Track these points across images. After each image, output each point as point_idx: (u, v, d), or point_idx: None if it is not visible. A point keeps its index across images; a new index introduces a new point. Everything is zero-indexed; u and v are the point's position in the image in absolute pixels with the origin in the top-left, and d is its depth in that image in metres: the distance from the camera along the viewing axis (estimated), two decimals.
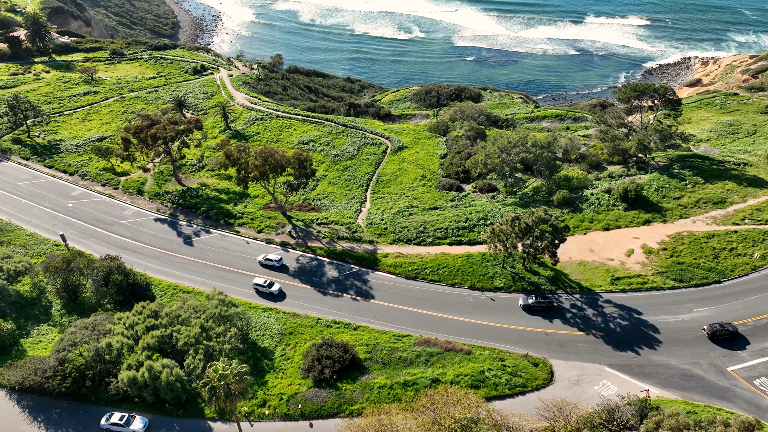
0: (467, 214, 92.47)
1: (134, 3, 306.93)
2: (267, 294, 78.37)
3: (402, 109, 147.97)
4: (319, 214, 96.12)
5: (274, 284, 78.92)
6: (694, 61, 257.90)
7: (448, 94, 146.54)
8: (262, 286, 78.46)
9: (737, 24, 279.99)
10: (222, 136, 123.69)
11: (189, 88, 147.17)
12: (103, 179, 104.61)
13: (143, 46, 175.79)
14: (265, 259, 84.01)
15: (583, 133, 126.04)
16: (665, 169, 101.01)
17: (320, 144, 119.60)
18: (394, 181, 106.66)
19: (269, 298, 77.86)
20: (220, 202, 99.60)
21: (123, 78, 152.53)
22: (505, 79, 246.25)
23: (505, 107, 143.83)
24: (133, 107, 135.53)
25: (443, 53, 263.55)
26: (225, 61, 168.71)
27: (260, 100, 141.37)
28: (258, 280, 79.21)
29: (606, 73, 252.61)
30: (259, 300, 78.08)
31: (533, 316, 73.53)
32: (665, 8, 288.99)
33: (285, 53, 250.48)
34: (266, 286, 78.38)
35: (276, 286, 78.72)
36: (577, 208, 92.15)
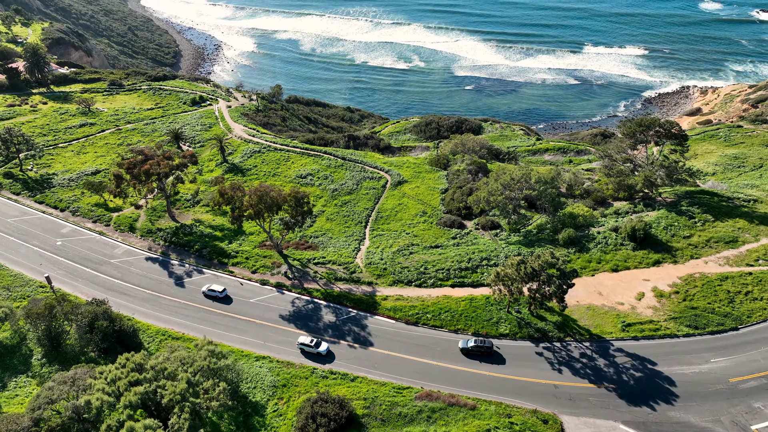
0: (470, 253, 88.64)
1: (137, 33, 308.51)
2: (314, 355, 71.60)
3: (402, 141, 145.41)
4: (316, 253, 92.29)
5: (321, 344, 72.27)
6: (693, 90, 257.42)
7: (448, 126, 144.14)
8: (309, 346, 71.66)
9: (734, 54, 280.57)
10: (219, 169, 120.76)
11: (187, 119, 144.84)
12: (95, 215, 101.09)
13: (142, 76, 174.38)
14: (209, 290, 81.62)
15: (586, 167, 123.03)
16: (673, 206, 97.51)
17: (318, 178, 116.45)
18: (394, 217, 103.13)
19: (316, 360, 70.99)
20: (215, 239, 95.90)
21: (120, 109, 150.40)
22: (505, 108, 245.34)
23: (506, 139, 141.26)
24: (129, 139, 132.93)
25: (443, 82, 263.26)
26: (224, 92, 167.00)
27: (258, 132, 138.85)
28: (304, 339, 72.46)
29: (605, 102, 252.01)
30: (251, 348, 73.72)
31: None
32: (662, 39, 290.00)
33: (285, 83, 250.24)
34: (313, 346, 71.60)
35: (324, 346, 71.96)
36: (584, 247, 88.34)
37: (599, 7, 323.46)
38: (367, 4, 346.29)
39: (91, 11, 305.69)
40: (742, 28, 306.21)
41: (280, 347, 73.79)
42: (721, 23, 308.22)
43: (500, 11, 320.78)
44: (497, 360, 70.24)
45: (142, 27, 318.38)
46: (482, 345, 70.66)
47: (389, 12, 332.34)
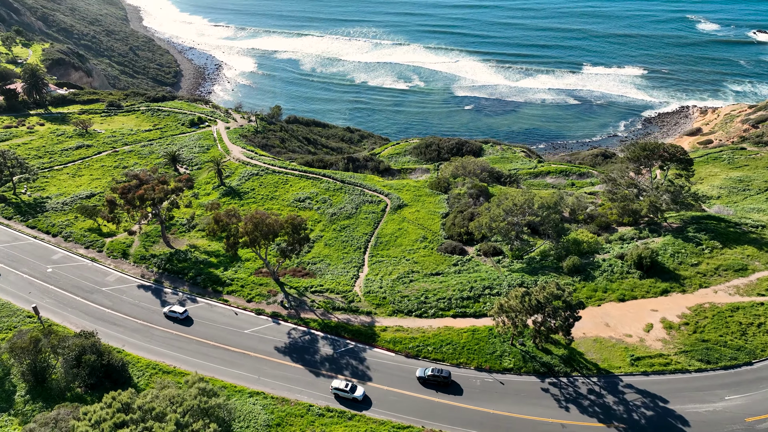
0: (472, 281, 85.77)
1: (138, 53, 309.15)
2: (350, 401, 67.01)
3: (402, 163, 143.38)
4: (314, 281, 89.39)
5: (357, 388, 67.86)
6: (692, 110, 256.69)
7: (448, 147, 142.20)
8: (344, 391, 67.17)
9: (733, 74, 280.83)
10: (216, 193, 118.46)
11: (184, 141, 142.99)
12: (87, 241, 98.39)
13: (141, 97, 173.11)
14: (170, 311, 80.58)
15: (589, 190, 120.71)
16: (679, 232, 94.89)
17: (317, 202, 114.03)
18: (393, 243, 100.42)
19: (352, 406, 66.25)
20: (209, 266, 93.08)
21: (118, 131, 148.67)
22: (505, 128, 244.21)
23: (507, 162, 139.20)
24: (125, 162, 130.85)
25: (443, 102, 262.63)
26: (223, 113, 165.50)
27: (257, 154, 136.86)
28: (338, 383, 67.91)
29: (605, 121, 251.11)
30: (245, 382, 70.48)
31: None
32: (661, 59, 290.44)
33: (285, 103, 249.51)
34: (348, 391, 67.13)
35: (360, 391, 67.42)
36: (589, 275, 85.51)
37: (597, 28, 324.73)
38: (368, 24, 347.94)
39: (93, 32, 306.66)
40: (740, 48, 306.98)
41: (275, 382, 70.56)
42: (719, 44, 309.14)
43: (499, 32, 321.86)
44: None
45: (144, 47, 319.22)
46: (439, 374, 68.63)
47: (389, 32, 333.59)
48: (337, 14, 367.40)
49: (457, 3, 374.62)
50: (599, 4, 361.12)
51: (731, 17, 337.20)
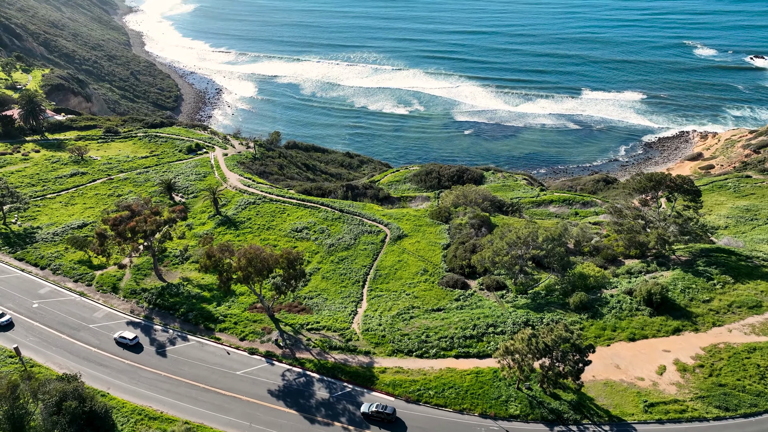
0: (474, 319, 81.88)
1: (138, 77, 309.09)
2: None
3: (402, 191, 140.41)
4: (310, 318, 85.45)
5: None
6: (692, 134, 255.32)
7: (449, 175, 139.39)
8: None
9: (732, 99, 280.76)
10: (211, 222, 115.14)
11: (181, 168, 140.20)
12: (77, 274, 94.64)
13: (139, 123, 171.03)
14: (120, 337, 78.45)
15: (593, 220, 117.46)
16: (689, 265, 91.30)
17: (314, 232, 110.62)
18: (393, 276, 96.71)
19: None
20: (202, 301, 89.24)
21: (114, 157, 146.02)
22: (505, 152, 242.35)
23: (509, 189, 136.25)
24: (120, 190, 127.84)
25: (443, 127, 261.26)
26: (221, 139, 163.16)
27: (254, 181, 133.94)
28: None
29: (606, 146, 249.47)
30: (235, 430, 66.09)
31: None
32: (660, 85, 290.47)
33: (284, 128, 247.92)
34: None
35: None
36: (597, 312, 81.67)
37: (595, 53, 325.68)
38: (367, 49, 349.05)
39: (94, 56, 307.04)
40: (738, 74, 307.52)
41: (267, 429, 66.22)
42: (717, 69, 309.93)
43: (498, 57, 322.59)
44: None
45: (145, 71, 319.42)
46: (382, 411, 66.18)
47: (389, 57, 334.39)
48: (337, 39, 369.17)
49: (455, 29, 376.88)
50: (597, 30, 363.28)
51: (728, 43, 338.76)
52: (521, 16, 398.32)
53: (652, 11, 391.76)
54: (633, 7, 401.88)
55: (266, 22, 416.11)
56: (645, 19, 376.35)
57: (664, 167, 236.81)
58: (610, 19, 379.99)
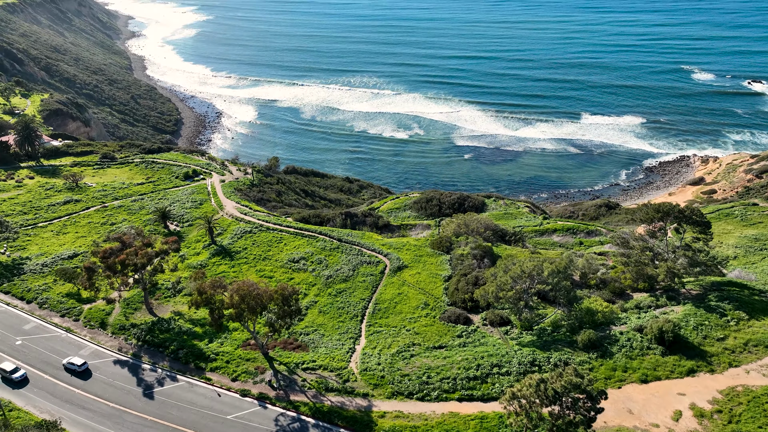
0: (478, 358, 77.76)
1: (139, 101, 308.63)
2: None
3: (402, 219, 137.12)
4: (306, 356, 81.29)
5: None
6: (693, 158, 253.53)
7: (450, 203, 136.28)
8: None
9: (731, 124, 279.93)
10: (206, 252, 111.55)
11: (177, 195, 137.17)
12: (64, 308, 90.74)
13: (136, 149, 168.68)
14: (69, 363, 76.77)
15: (598, 250, 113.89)
16: (700, 300, 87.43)
17: (312, 263, 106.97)
18: (393, 310, 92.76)
19: None
20: (194, 337, 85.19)
21: (110, 184, 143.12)
22: (505, 177, 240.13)
23: (511, 218, 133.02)
24: (114, 218, 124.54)
25: (443, 151, 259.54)
26: (219, 165, 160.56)
27: (251, 209, 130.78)
28: None
29: (607, 170, 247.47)
30: None
31: None
32: (659, 109, 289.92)
33: (284, 152, 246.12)
34: None
35: None
36: (607, 351, 77.58)
37: (594, 78, 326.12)
38: (368, 74, 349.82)
39: (95, 81, 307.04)
40: (737, 98, 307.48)
41: None
42: (716, 94, 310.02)
43: (498, 82, 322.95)
44: None
45: (146, 95, 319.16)
46: None
47: (389, 82, 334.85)
48: (337, 64, 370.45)
49: (454, 54, 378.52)
50: (595, 55, 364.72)
51: (726, 68, 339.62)
52: (520, 41, 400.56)
53: (650, 36, 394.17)
54: (631, 33, 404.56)
55: (267, 47, 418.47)
56: (643, 44, 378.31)
57: (665, 192, 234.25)
58: (609, 45, 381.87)
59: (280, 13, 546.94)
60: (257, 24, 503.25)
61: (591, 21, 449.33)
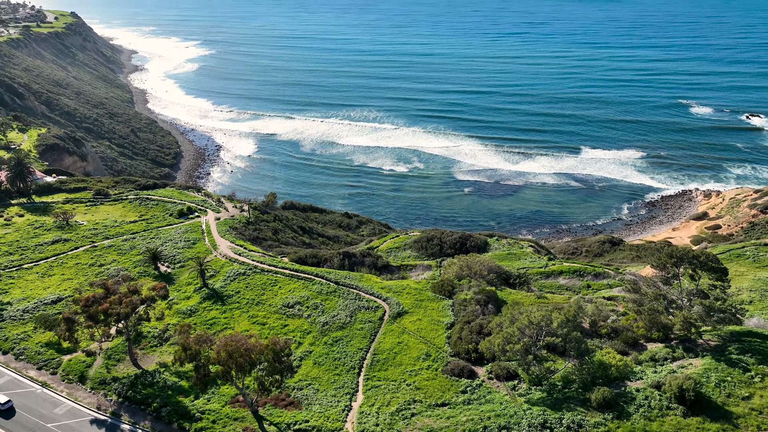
0: (484, 418, 71.49)
1: (139, 135, 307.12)
2: None
3: (402, 259, 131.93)
4: (299, 414, 74.98)
5: None
6: (695, 193, 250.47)
7: (451, 242, 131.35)
8: None
9: (732, 158, 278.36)
10: (197, 296, 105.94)
11: (170, 234, 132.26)
12: (42, 360, 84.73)
13: (131, 184, 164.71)
14: None
15: (607, 294, 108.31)
16: (720, 353, 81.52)
17: (308, 308, 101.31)
18: (392, 361, 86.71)
19: None
20: (180, 392, 78.96)
21: (101, 222, 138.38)
22: (506, 211, 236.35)
23: (515, 258, 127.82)
24: (103, 259, 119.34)
25: (443, 185, 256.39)
26: (215, 202, 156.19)
27: (246, 249, 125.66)
28: None
29: (608, 204, 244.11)
30: None
31: None
32: (659, 144, 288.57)
33: (283, 187, 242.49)
34: None
35: None
36: (623, 412, 71.34)
37: (594, 113, 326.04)
38: (368, 108, 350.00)
39: (96, 114, 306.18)
40: (736, 133, 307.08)
41: None
42: (715, 128, 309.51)
43: (497, 117, 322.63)
44: None
45: (146, 129, 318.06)
46: None
47: (389, 116, 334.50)
48: (337, 98, 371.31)
49: (454, 89, 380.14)
50: (594, 89, 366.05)
51: (723, 103, 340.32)
52: (518, 76, 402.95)
53: (648, 71, 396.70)
54: (628, 68, 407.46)
55: (267, 82, 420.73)
56: (641, 79, 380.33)
57: (668, 226, 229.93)
58: (607, 79, 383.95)
59: (282, 48, 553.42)
60: (259, 59, 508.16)
61: (588, 56, 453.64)
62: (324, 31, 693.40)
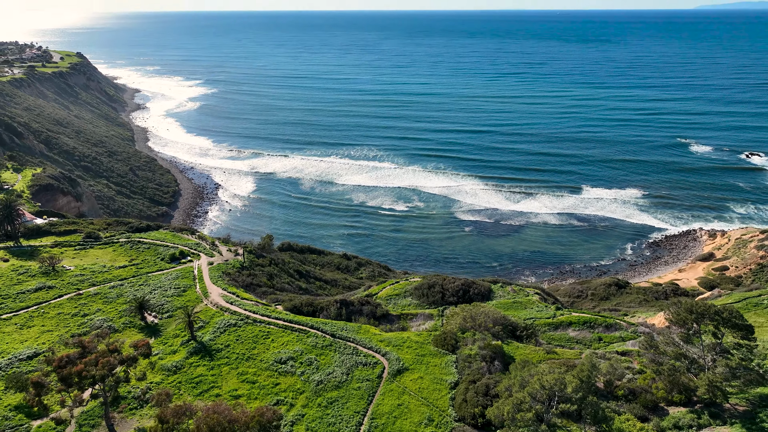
0: None
1: (137, 173, 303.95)
2: None
3: (402, 307, 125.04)
4: None
5: None
6: (700, 233, 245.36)
7: (453, 290, 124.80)
8: None
9: (734, 198, 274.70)
10: (183, 350, 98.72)
11: (160, 281, 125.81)
12: (8, 426, 77.14)
13: (123, 227, 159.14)
14: None
15: (620, 348, 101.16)
16: (750, 419, 74.15)
17: (301, 364, 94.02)
18: (391, 427, 79.07)
19: None
20: None
21: (89, 267, 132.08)
22: (508, 251, 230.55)
23: (521, 307, 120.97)
24: (87, 308, 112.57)
25: (443, 224, 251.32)
26: (209, 245, 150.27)
27: (238, 297, 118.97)
28: None
29: (611, 244, 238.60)
30: None
31: None
32: (660, 183, 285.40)
33: (281, 227, 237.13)
34: None
35: None
36: None
37: (594, 152, 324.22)
38: (368, 147, 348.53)
39: (95, 153, 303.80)
40: (738, 172, 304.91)
41: None
42: (716, 168, 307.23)
43: (497, 156, 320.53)
44: None
45: (145, 167, 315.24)
46: None
47: (389, 155, 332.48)
48: (337, 137, 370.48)
49: (454, 128, 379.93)
50: (593, 129, 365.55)
51: (723, 142, 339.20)
52: (518, 115, 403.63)
53: (646, 111, 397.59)
54: (627, 108, 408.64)
55: (268, 120, 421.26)
56: (640, 118, 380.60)
57: (674, 267, 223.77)
58: (606, 119, 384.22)
59: (283, 88, 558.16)
60: (260, 98, 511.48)
61: (587, 96, 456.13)
62: (325, 71, 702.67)
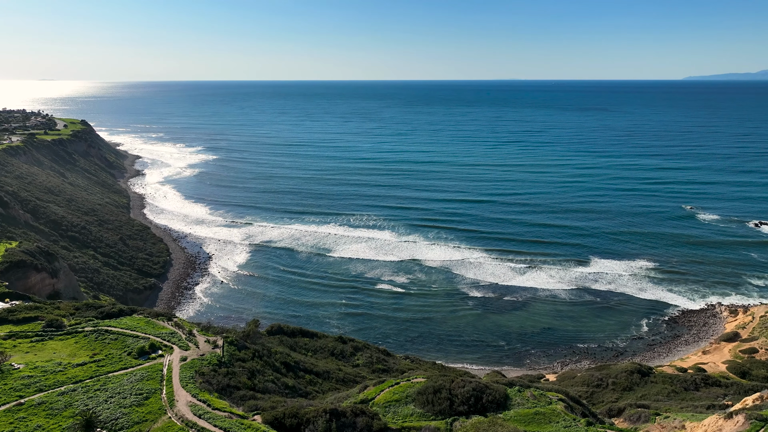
0: None
1: (128, 242, 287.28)
2: None
3: (403, 417, 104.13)
4: None
5: None
6: (719, 308, 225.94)
7: (463, 396, 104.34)
8: None
9: (750, 270, 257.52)
10: None
11: (121, 383, 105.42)
12: None
13: (93, 311, 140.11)
14: None
15: None
16: None
17: None
18: None
19: None
20: None
21: (41, 366, 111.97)
22: (516, 328, 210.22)
23: (544, 420, 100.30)
24: (26, 423, 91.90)
25: (446, 297, 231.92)
26: (185, 334, 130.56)
27: (210, 405, 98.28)
28: None
29: (626, 320, 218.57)
30: None
31: None
32: (671, 255, 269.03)
33: (272, 306, 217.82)
34: None
35: None
36: None
37: (599, 223, 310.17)
38: (368, 215, 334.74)
39: (84, 221, 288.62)
40: (750, 243, 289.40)
41: None
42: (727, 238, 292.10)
43: (502, 228, 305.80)
44: None
45: (136, 236, 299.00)
46: None
47: (389, 224, 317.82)
48: (336, 206, 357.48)
49: (455, 197, 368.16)
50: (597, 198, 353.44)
51: (731, 212, 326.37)
52: (521, 184, 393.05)
53: (651, 180, 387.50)
54: (630, 177, 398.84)
55: (266, 188, 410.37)
56: (645, 188, 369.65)
57: (696, 347, 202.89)
58: (610, 188, 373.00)
59: (283, 156, 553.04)
60: (260, 166, 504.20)
61: (588, 164, 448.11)
62: (326, 138, 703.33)
